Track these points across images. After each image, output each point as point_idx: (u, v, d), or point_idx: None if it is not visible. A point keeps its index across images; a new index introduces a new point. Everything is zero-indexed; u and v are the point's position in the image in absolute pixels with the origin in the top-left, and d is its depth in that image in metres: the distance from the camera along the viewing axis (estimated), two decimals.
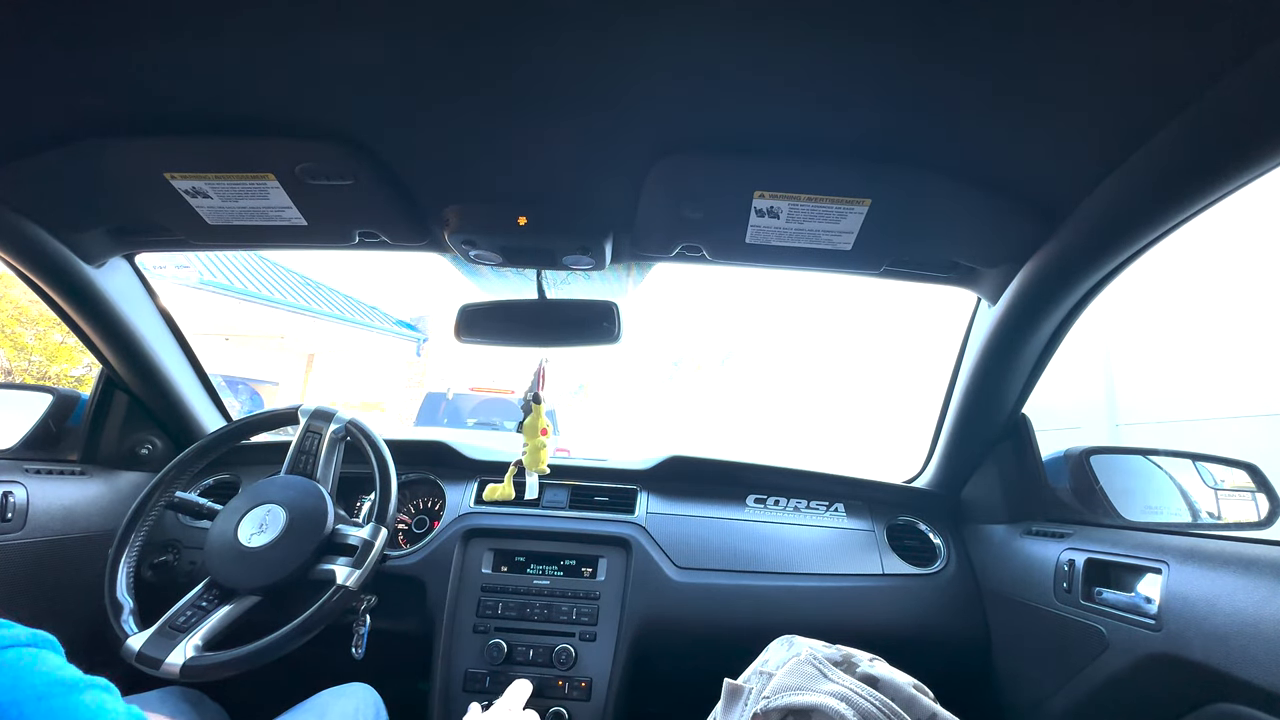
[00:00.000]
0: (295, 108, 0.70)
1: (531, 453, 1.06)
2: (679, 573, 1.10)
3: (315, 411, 1.04)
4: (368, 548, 0.92)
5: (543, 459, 1.06)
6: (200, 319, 6.87)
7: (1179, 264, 3.78)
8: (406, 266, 21.05)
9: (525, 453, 1.06)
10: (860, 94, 0.64)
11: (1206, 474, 1.05)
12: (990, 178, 0.75)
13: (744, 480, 1.28)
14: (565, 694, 1.00)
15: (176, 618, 0.87)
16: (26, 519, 0.97)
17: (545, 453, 1.07)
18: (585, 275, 1.04)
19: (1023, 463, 1.07)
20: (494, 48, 0.60)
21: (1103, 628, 0.79)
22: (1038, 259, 0.83)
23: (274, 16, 0.57)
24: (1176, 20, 0.50)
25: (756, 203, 0.79)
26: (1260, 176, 0.59)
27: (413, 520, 1.23)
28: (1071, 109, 0.62)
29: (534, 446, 1.06)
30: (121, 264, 1.06)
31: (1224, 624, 0.63)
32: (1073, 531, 0.92)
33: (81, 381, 4.45)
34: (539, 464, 1.06)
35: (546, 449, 1.07)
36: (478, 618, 1.06)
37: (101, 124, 0.73)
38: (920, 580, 1.11)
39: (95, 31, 0.59)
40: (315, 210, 0.86)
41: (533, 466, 1.06)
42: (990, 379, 1.01)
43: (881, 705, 0.40)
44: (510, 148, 0.76)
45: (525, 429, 1.07)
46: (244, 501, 0.96)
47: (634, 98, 0.66)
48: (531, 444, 1.06)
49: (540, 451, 1.06)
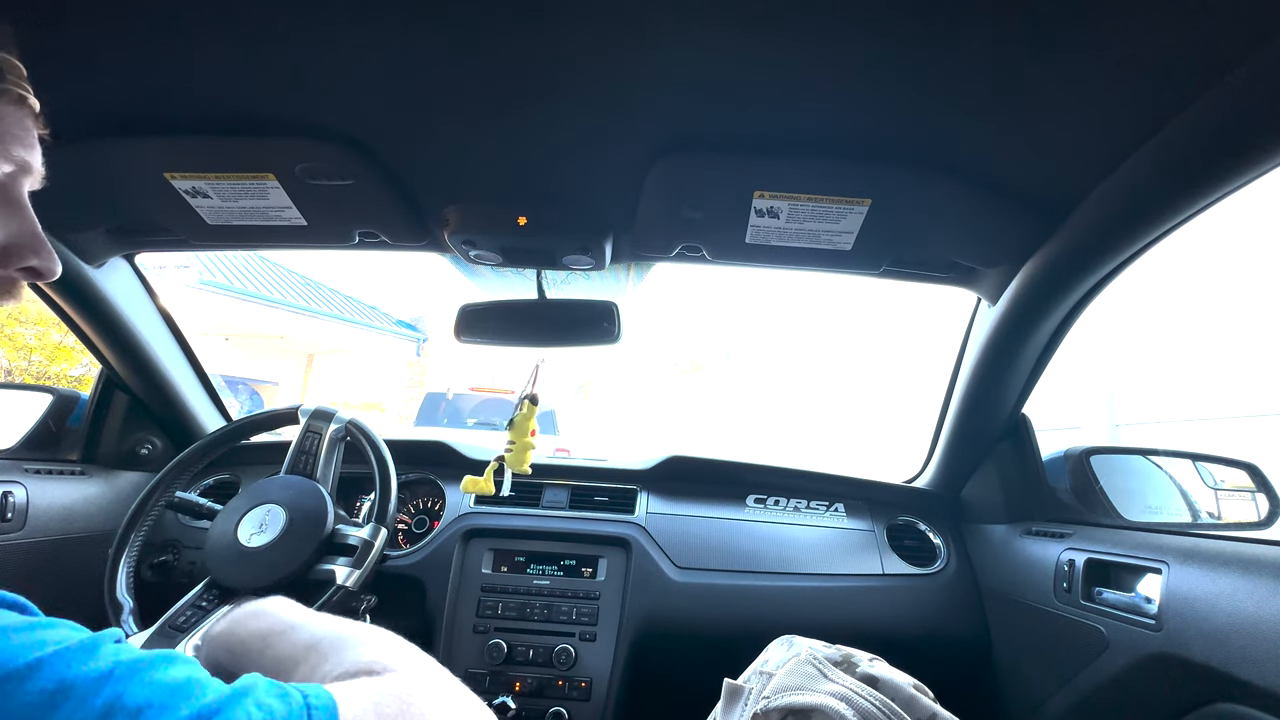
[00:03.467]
0: (295, 108, 0.70)
1: (518, 451, 1.04)
2: (679, 573, 1.10)
3: (315, 411, 1.04)
4: (368, 548, 0.92)
5: (527, 459, 1.04)
6: (200, 319, 6.86)
7: (1179, 264, 3.78)
8: (406, 266, 21.05)
9: (511, 450, 1.04)
10: (860, 94, 0.64)
11: (1206, 474, 1.05)
12: (990, 178, 0.75)
13: (744, 480, 1.28)
14: (565, 694, 1.00)
15: (176, 618, 0.87)
16: (26, 519, 0.97)
17: (529, 455, 1.05)
18: (585, 275, 1.04)
19: (1023, 463, 1.07)
20: (494, 48, 0.60)
21: (1103, 628, 0.79)
22: (1038, 259, 0.83)
23: (274, 16, 0.57)
24: (1176, 20, 0.50)
25: (756, 203, 0.79)
26: (1259, 177, 0.59)
27: (413, 520, 1.23)
28: (1071, 109, 0.62)
29: (522, 445, 1.04)
30: (121, 264, 1.07)
31: (1224, 624, 0.63)
32: (1073, 531, 0.92)
33: (81, 381, 4.45)
34: (523, 464, 1.03)
35: (532, 450, 1.06)
36: (478, 618, 1.06)
37: (101, 124, 0.73)
38: (920, 580, 1.11)
39: (95, 31, 0.59)
40: (315, 210, 0.86)
41: (516, 466, 1.03)
42: (990, 379, 1.01)
43: (881, 705, 0.40)
44: (510, 148, 0.76)
45: (514, 427, 1.05)
46: (244, 501, 0.96)
47: (634, 98, 0.66)
48: (520, 443, 1.04)
49: (526, 452, 1.04)
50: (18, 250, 0.39)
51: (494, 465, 1.06)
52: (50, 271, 0.40)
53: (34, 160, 0.40)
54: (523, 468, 1.04)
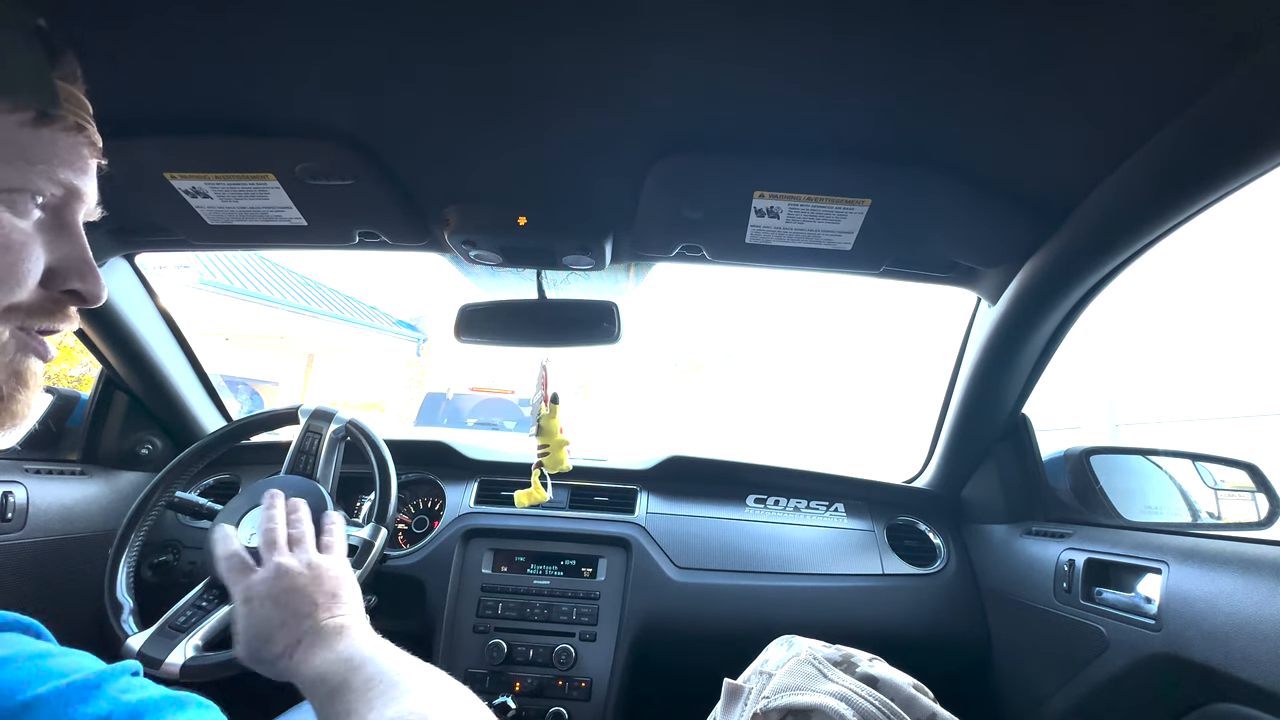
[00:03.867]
0: (295, 108, 0.70)
1: (554, 452, 1.05)
2: (679, 573, 1.10)
3: (315, 411, 1.04)
4: (368, 548, 0.92)
5: (564, 457, 1.06)
6: (200, 319, 6.87)
7: (1179, 264, 3.78)
8: (406, 266, 21.03)
9: (546, 453, 1.05)
10: (860, 94, 0.64)
11: (1206, 474, 1.05)
12: (990, 178, 0.74)
13: (744, 480, 1.28)
14: (565, 694, 1.00)
15: (176, 618, 0.87)
16: (26, 519, 0.97)
17: (565, 451, 1.06)
18: (585, 275, 1.04)
19: (1023, 463, 1.07)
20: (494, 48, 0.60)
21: (1103, 628, 0.79)
22: (1038, 259, 0.83)
23: (274, 16, 0.57)
24: (1177, 20, 0.50)
25: (756, 202, 0.79)
26: (1260, 177, 0.59)
27: (413, 520, 1.23)
28: (1071, 109, 0.62)
29: (556, 444, 1.05)
30: (121, 264, 1.06)
31: (1224, 624, 0.63)
32: (1073, 531, 0.92)
33: (81, 381, 4.45)
34: (561, 463, 1.05)
35: (567, 446, 1.07)
36: (478, 618, 1.06)
37: (101, 124, 0.73)
38: (920, 580, 1.11)
39: (95, 32, 0.59)
40: (315, 210, 0.86)
41: (555, 467, 1.05)
42: (990, 379, 1.01)
43: (881, 705, 0.40)
44: (510, 148, 0.76)
45: (543, 431, 1.06)
46: (244, 501, 0.96)
47: (634, 98, 0.66)
48: (553, 443, 1.05)
49: (561, 450, 1.05)
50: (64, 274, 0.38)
51: (537, 472, 1.07)
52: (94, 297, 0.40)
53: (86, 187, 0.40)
54: (562, 466, 1.06)
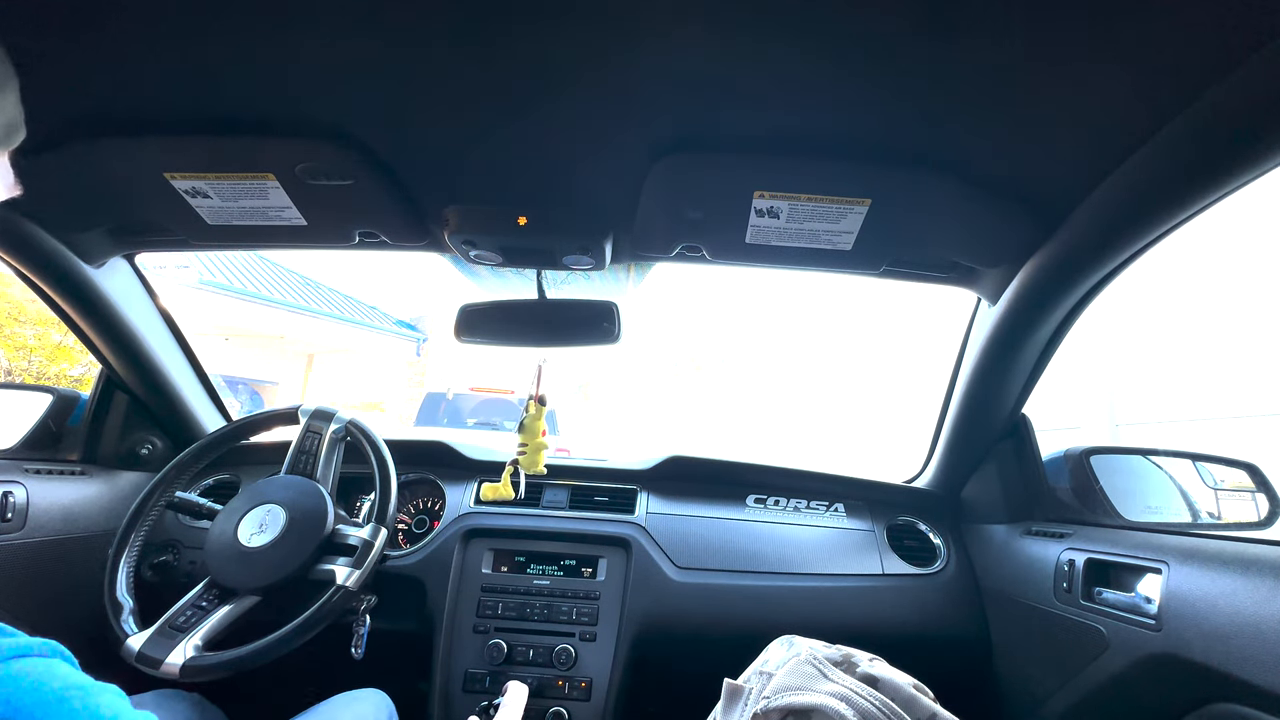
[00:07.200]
0: (295, 108, 0.70)
1: (531, 453, 1.05)
2: (679, 573, 1.10)
3: (315, 411, 1.04)
4: (368, 548, 0.92)
5: (540, 460, 1.06)
6: (200, 319, 6.86)
7: (1179, 264, 3.78)
8: (406, 266, 21.01)
9: (524, 453, 1.06)
10: (860, 94, 0.64)
11: (1206, 474, 1.05)
12: (990, 178, 0.74)
13: (744, 480, 1.28)
14: (565, 694, 1.00)
15: (176, 618, 0.87)
16: (26, 519, 0.97)
17: (543, 455, 1.07)
18: (585, 275, 1.04)
19: (1023, 463, 1.07)
20: (494, 48, 0.60)
21: (1103, 628, 0.79)
22: (1038, 259, 0.83)
23: (274, 16, 0.57)
24: (1176, 20, 0.50)
25: (756, 203, 0.79)
26: (1259, 177, 0.59)
27: (413, 520, 1.23)
28: (1071, 109, 0.62)
29: (534, 446, 1.06)
30: (121, 264, 1.06)
31: (1224, 624, 0.63)
32: (1073, 531, 0.92)
33: (81, 381, 4.45)
34: (537, 465, 1.06)
35: (545, 450, 1.07)
36: (478, 618, 1.06)
37: (101, 124, 0.73)
38: (920, 580, 1.11)
39: (95, 31, 0.59)
40: (315, 210, 0.86)
41: (530, 468, 1.06)
42: (990, 379, 1.01)
43: (881, 705, 0.40)
44: (510, 148, 0.76)
45: (525, 429, 1.06)
46: (244, 501, 0.96)
47: (634, 98, 0.66)
48: (533, 444, 1.06)
49: (539, 453, 1.06)
50: None
51: (509, 469, 1.07)
52: None
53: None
54: (537, 468, 1.06)
